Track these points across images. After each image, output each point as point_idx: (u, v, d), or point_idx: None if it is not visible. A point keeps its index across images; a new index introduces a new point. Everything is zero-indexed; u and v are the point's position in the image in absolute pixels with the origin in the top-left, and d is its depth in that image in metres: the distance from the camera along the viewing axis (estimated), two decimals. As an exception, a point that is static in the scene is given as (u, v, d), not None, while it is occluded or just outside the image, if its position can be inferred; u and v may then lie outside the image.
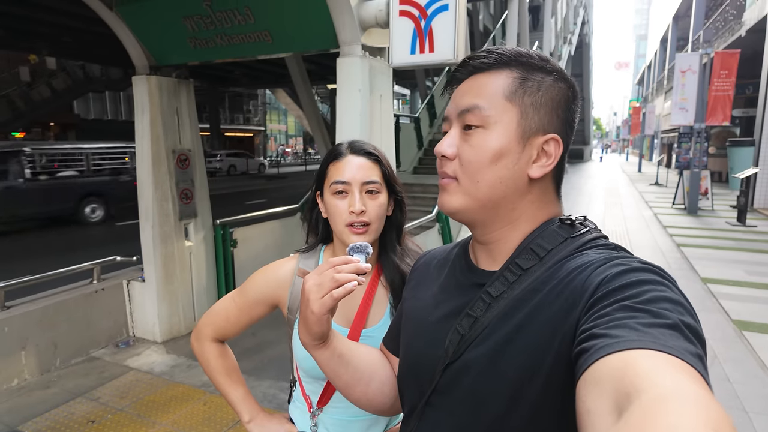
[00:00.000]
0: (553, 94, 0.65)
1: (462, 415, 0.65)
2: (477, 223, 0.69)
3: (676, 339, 0.43)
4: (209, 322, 1.19)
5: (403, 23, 2.89)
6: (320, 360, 0.79)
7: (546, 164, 0.65)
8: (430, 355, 0.70)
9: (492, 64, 0.66)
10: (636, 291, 0.50)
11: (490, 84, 0.65)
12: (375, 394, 0.84)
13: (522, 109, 0.64)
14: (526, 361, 0.57)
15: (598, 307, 0.51)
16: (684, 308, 0.49)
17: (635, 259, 0.57)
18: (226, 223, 4.58)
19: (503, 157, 0.64)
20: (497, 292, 0.64)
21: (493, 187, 0.65)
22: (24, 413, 2.99)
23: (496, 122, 0.64)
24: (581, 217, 0.68)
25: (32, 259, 6.93)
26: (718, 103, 10.49)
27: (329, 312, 0.71)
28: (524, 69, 0.65)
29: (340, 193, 1.05)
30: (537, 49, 9.64)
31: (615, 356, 0.42)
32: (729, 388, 3.25)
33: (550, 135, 0.64)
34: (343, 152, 1.09)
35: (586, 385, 0.43)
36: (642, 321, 0.45)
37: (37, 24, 10.54)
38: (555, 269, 0.61)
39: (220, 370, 1.18)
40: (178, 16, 3.49)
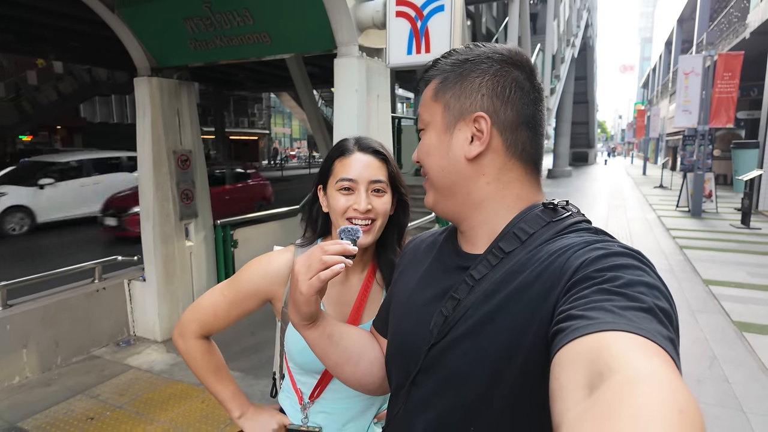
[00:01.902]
0: (473, 77, 0.69)
1: (446, 394, 0.66)
2: (449, 213, 0.74)
3: (649, 322, 0.45)
4: (195, 318, 1.14)
5: (400, 24, 2.91)
6: (310, 340, 0.81)
7: (481, 142, 0.67)
8: (417, 336, 0.72)
9: (431, 75, 0.74)
10: (614, 275, 0.51)
11: (427, 92, 0.75)
12: (364, 374, 0.87)
13: (444, 103, 0.71)
14: (507, 341, 0.59)
15: (576, 289, 0.52)
16: (660, 292, 0.50)
17: (615, 243, 0.58)
18: (226, 223, 4.60)
19: (436, 148, 0.72)
20: (480, 274, 0.66)
21: (439, 175, 0.72)
22: (24, 410, 3.02)
23: (429, 122, 0.73)
24: (564, 201, 0.69)
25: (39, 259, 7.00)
26: (721, 105, 10.44)
27: (317, 293, 0.74)
28: (449, 68, 0.71)
29: (347, 189, 1.04)
30: (539, 52, 9.58)
31: (590, 337, 0.43)
32: (728, 389, 3.23)
33: (475, 113, 0.67)
34: (351, 149, 1.07)
35: (560, 362, 0.45)
36: (618, 304, 0.46)
37: (44, 28, 10.66)
38: (535, 252, 0.62)
39: (208, 368, 1.15)
40: (179, 17, 3.53)
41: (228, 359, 1.22)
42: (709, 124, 10.32)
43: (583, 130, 33.11)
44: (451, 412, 0.66)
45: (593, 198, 14.29)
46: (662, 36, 31.56)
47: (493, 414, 0.61)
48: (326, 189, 1.10)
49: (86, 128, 25.01)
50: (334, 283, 1.12)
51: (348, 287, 1.13)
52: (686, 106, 10.54)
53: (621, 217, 10.71)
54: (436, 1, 2.82)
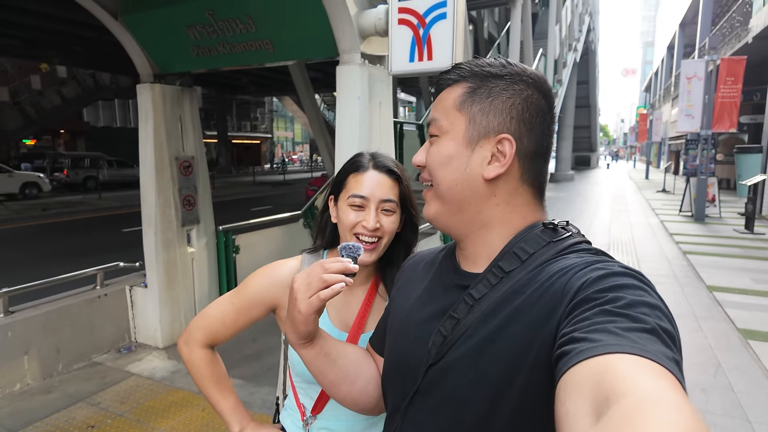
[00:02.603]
0: (505, 97, 0.67)
1: (444, 417, 0.65)
2: (452, 228, 0.72)
3: (653, 343, 0.44)
4: (202, 326, 1.14)
5: (402, 31, 2.91)
6: (306, 359, 0.80)
7: (501, 165, 0.66)
8: (414, 355, 0.70)
9: (453, 79, 0.71)
10: (615, 295, 0.50)
11: (447, 98, 0.71)
12: (360, 394, 0.85)
13: (470, 116, 0.68)
14: (507, 363, 0.58)
15: (578, 311, 0.51)
16: (662, 313, 0.49)
17: (615, 264, 0.58)
18: (228, 229, 4.60)
19: (452, 160, 0.68)
20: (479, 294, 0.65)
21: (451, 188, 0.69)
22: (25, 417, 3.01)
23: (447, 131, 0.70)
24: (564, 221, 0.69)
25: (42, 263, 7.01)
26: (724, 109, 10.42)
27: (316, 312, 0.72)
28: (478, 79, 0.69)
29: (358, 206, 1.06)
30: (541, 57, 9.58)
31: (594, 360, 0.43)
32: (733, 398, 3.20)
33: (502, 135, 0.66)
34: (366, 165, 1.09)
35: (565, 387, 0.44)
36: (621, 325, 0.46)
37: (48, 33, 10.73)
38: (536, 272, 0.62)
39: (210, 378, 1.14)
40: (182, 25, 3.54)
41: (229, 367, 1.21)
42: (711, 129, 10.30)
43: (585, 134, 33.12)
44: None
45: (596, 202, 14.26)
46: (664, 40, 31.58)
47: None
48: (337, 201, 1.11)
49: (89, 132, 25.13)
50: (339, 297, 1.11)
51: (352, 298, 1.14)
52: (689, 111, 10.52)
53: (624, 221, 10.68)
54: (438, 9, 2.82)
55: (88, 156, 19.48)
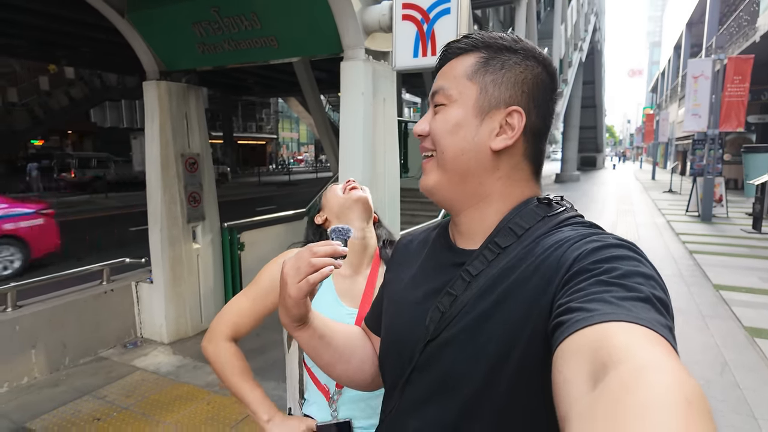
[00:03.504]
0: (518, 71, 0.67)
1: (442, 392, 0.65)
2: (451, 201, 0.71)
3: (648, 311, 0.45)
4: (222, 321, 1.21)
5: (406, 27, 2.92)
6: (301, 341, 0.81)
7: (509, 136, 0.66)
8: (411, 334, 0.71)
9: (464, 48, 0.70)
10: (610, 266, 0.51)
11: (457, 67, 0.70)
12: (355, 372, 0.86)
13: (481, 86, 0.67)
14: (505, 336, 0.58)
15: (574, 282, 0.52)
16: (656, 282, 0.50)
17: (610, 236, 0.58)
18: (233, 226, 4.62)
19: (461, 129, 0.67)
20: (476, 270, 0.65)
21: (456, 157, 0.68)
22: (32, 410, 3.04)
23: (456, 99, 0.68)
24: (558, 196, 0.70)
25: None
26: (731, 109, 10.34)
27: (306, 296, 0.73)
28: (491, 50, 0.68)
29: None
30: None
31: (591, 329, 0.43)
32: (739, 395, 3.18)
33: (512, 107, 0.66)
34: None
35: (562, 355, 0.44)
36: (616, 294, 0.47)
37: (55, 34, 10.82)
38: (531, 246, 0.62)
39: (235, 371, 1.17)
40: (188, 22, 3.57)
41: None
42: (719, 128, 10.22)
43: (591, 135, 32.94)
44: (447, 410, 0.65)
45: (602, 203, 14.19)
46: (671, 40, 31.40)
47: (492, 411, 0.60)
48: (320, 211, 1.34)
49: (96, 133, 25.30)
50: (345, 277, 1.23)
51: (358, 277, 1.25)
52: (696, 110, 10.46)
53: (630, 221, 10.62)
54: (442, 5, 2.83)
55: (95, 156, 19.61)
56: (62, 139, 24.49)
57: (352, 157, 3.09)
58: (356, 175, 3.08)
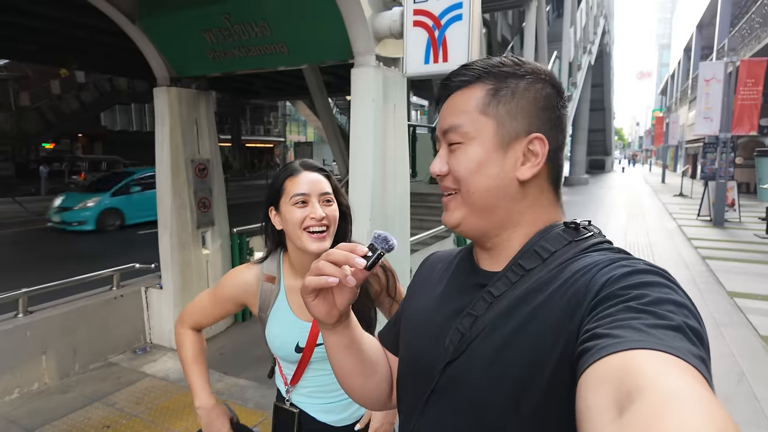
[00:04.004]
0: (529, 97, 0.66)
1: (463, 416, 0.64)
2: (479, 233, 0.70)
3: (679, 340, 0.43)
4: (190, 312, 1.37)
5: (417, 33, 2.90)
6: (326, 342, 0.77)
7: (534, 164, 0.65)
8: (431, 354, 0.69)
9: (467, 80, 0.68)
10: (640, 292, 0.49)
11: (465, 101, 0.67)
12: (373, 389, 0.83)
13: (497, 119, 0.66)
14: (528, 361, 0.57)
15: (601, 307, 0.50)
16: (689, 311, 0.48)
17: (640, 261, 0.56)
18: (242, 231, 4.63)
19: (485, 167, 0.66)
20: (499, 291, 0.64)
21: (485, 195, 0.66)
22: (42, 417, 3.04)
23: (474, 137, 0.66)
24: (585, 221, 0.68)
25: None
26: (744, 112, 10.22)
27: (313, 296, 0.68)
28: (496, 79, 0.67)
29: (302, 203, 1.19)
30: (555, 59, 9.53)
31: (617, 356, 0.42)
32: (757, 407, 3.11)
33: (533, 135, 0.65)
34: (298, 169, 1.24)
35: (586, 383, 0.43)
36: (645, 322, 0.45)
37: (66, 39, 10.93)
38: (558, 270, 0.61)
39: (189, 356, 1.33)
40: (198, 29, 3.58)
41: (241, 369, 1.36)
42: (731, 132, 10.10)
43: (599, 138, 32.75)
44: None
45: (611, 207, 14.06)
46: (681, 42, 31.14)
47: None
48: (278, 208, 1.23)
49: (107, 136, 25.55)
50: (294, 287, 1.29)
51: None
52: (707, 113, 10.34)
53: (640, 225, 10.51)
54: (454, 11, 2.80)
55: (105, 159, 19.79)
56: (73, 142, 24.76)
57: (363, 164, 3.07)
58: (366, 180, 3.06)
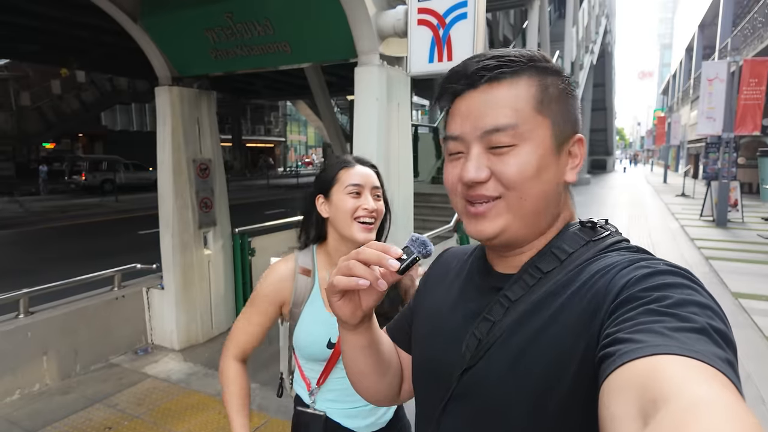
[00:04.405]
0: (566, 94, 0.64)
1: (482, 425, 0.61)
2: (519, 241, 0.64)
3: (704, 344, 0.41)
4: (232, 336, 1.30)
5: (422, 32, 2.88)
6: (344, 340, 0.75)
7: (575, 165, 0.64)
8: (446, 359, 0.67)
9: (511, 71, 0.60)
10: (662, 294, 0.47)
11: (515, 98, 0.59)
12: (384, 387, 0.82)
13: (552, 119, 0.61)
14: (548, 367, 0.55)
15: (622, 310, 0.48)
16: (713, 312, 0.46)
17: (661, 262, 0.54)
18: (244, 231, 4.60)
19: (544, 171, 0.60)
20: (516, 295, 0.62)
21: (539, 202, 0.61)
22: (44, 418, 3.02)
23: (528, 139, 0.59)
24: (602, 220, 0.66)
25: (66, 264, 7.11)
26: (747, 112, 10.18)
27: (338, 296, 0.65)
28: (539, 73, 0.61)
29: (355, 194, 1.21)
30: (557, 59, 9.52)
31: (640, 362, 0.40)
32: (764, 410, 3.08)
33: (577, 136, 0.64)
34: (352, 162, 1.27)
35: (609, 391, 0.41)
36: (668, 325, 0.43)
37: (67, 39, 10.93)
38: (576, 272, 0.59)
39: (232, 394, 1.27)
40: (201, 28, 3.56)
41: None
42: (734, 132, 10.06)
43: (601, 138, 32.72)
44: None
45: (613, 207, 14.02)
46: (683, 42, 31.09)
47: None
48: (329, 196, 1.24)
49: (107, 136, 25.54)
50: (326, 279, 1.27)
51: None
52: (710, 113, 10.31)
53: (643, 226, 10.48)
54: (458, 9, 2.78)
55: (105, 159, 19.78)
56: (73, 142, 24.76)
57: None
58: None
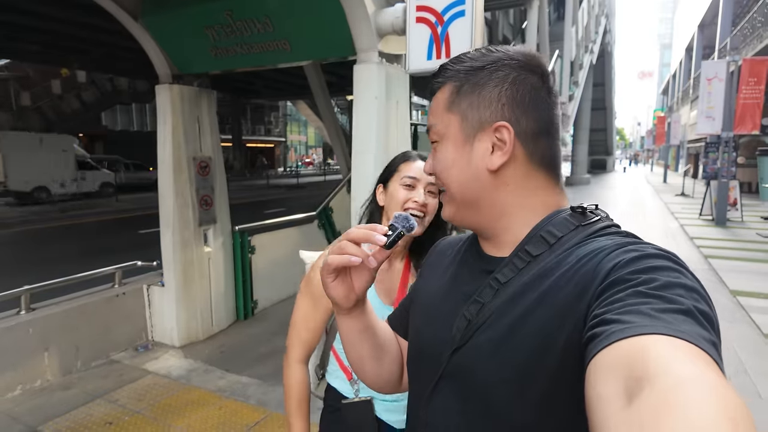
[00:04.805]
0: (491, 86, 0.66)
1: (471, 402, 0.64)
2: (472, 225, 0.72)
3: (689, 324, 0.42)
4: (295, 334, 1.28)
5: (420, 29, 2.89)
6: (341, 327, 0.78)
7: (504, 152, 0.65)
8: (438, 341, 0.69)
9: (440, 82, 0.71)
10: (649, 277, 0.48)
11: (437, 103, 0.71)
12: (384, 371, 0.84)
13: (461, 114, 0.68)
14: (534, 347, 0.56)
15: (610, 292, 0.49)
16: (699, 294, 0.47)
17: (649, 245, 0.55)
18: (244, 229, 4.63)
19: (456, 162, 0.68)
20: (505, 278, 0.64)
21: (462, 189, 0.69)
22: (45, 413, 3.04)
23: (444, 134, 0.70)
24: (593, 205, 0.67)
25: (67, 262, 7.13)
26: (746, 111, 10.20)
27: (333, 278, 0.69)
28: (463, 76, 0.68)
29: (409, 186, 1.24)
30: (557, 59, 9.48)
31: (626, 341, 0.41)
32: (761, 405, 3.10)
33: (497, 123, 0.65)
34: (414, 156, 1.30)
35: (596, 370, 0.42)
36: (655, 306, 0.44)
37: (67, 39, 10.95)
38: (565, 256, 0.60)
39: (294, 400, 1.26)
40: (201, 26, 3.58)
41: (244, 367, 1.31)
42: (733, 131, 10.08)
43: (601, 137, 32.71)
44: (475, 421, 0.63)
45: (613, 206, 14.03)
46: (682, 42, 31.10)
47: (523, 423, 0.58)
48: (387, 186, 1.29)
49: (107, 136, 25.56)
50: (381, 270, 1.25)
51: (392, 273, 1.30)
52: (709, 113, 10.33)
53: (642, 225, 10.49)
54: (457, 6, 2.79)
55: (106, 159, 19.79)
56: (74, 142, 24.74)
57: (365, 162, 3.07)
58: (369, 179, 3.05)
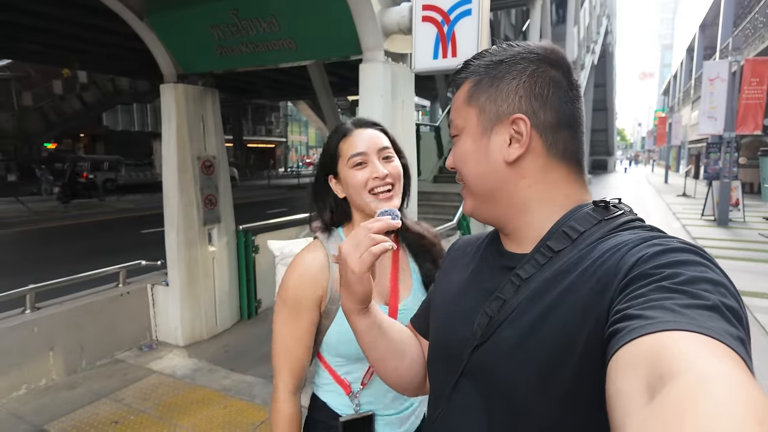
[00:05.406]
0: (509, 79, 0.66)
1: (491, 400, 0.63)
2: (492, 219, 0.72)
3: (715, 321, 0.41)
4: (281, 365, 1.11)
5: (426, 28, 2.89)
6: (360, 329, 0.79)
7: (521, 144, 0.65)
8: (459, 338, 0.69)
9: (462, 77, 0.72)
10: (673, 271, 0.47)
11: (457, 97, 0.72)
12: (406, 370, 0.84)
13: (479, 107, 0.68)
14: (557, 344, 0.56)
15: (633, 287, 0.49)
16: (726, 289, 0.46)
17: (674, 239, 0.54)
18: (248, 229, 4.62)
19: (473, 154, 0.69)
20: (527, 274, 0.63)
21: (478, 182, 0.69)
22: (50, 412, 3.04)
23: (463, 128, 0.71)
24: (616, 199, 0.66)
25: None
26: (749, 111, 10.19)
27: (369, 270, 0.73)
28: (483, 70, 0.69)
29: (360, 164, 1.08)
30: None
31: (649, 337, 0.40)
32: (767, 405, 3.10)
33: (514, 116, 0.65)
34: (351, 128, 1.12)
35: (617, 366, 0.42)
36: (679, 302, 0.43)
37: (69, 39, 10.96)
38: (587, 251, 0.59)
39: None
40: (206, 25, 3.58)
41: (247, 366, 1.23)
42: (735, 131, 10.07)
43: (602, 138, 32.74)
44: (496, 418, 0.63)
45: (614, 206, 14.01)
46: (683, 42, 31.10)
47: (545, 420, 0.57)
48: (337, 174, 1.12)
49: (108, 136, 25.59)
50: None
51: (381, 269, 1.15)
52: (711, 113, 10.32)
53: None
54: (463, 6, 2.79)
55: (106, 159, 19.81)
56: (75, 142, 24.79)
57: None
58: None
